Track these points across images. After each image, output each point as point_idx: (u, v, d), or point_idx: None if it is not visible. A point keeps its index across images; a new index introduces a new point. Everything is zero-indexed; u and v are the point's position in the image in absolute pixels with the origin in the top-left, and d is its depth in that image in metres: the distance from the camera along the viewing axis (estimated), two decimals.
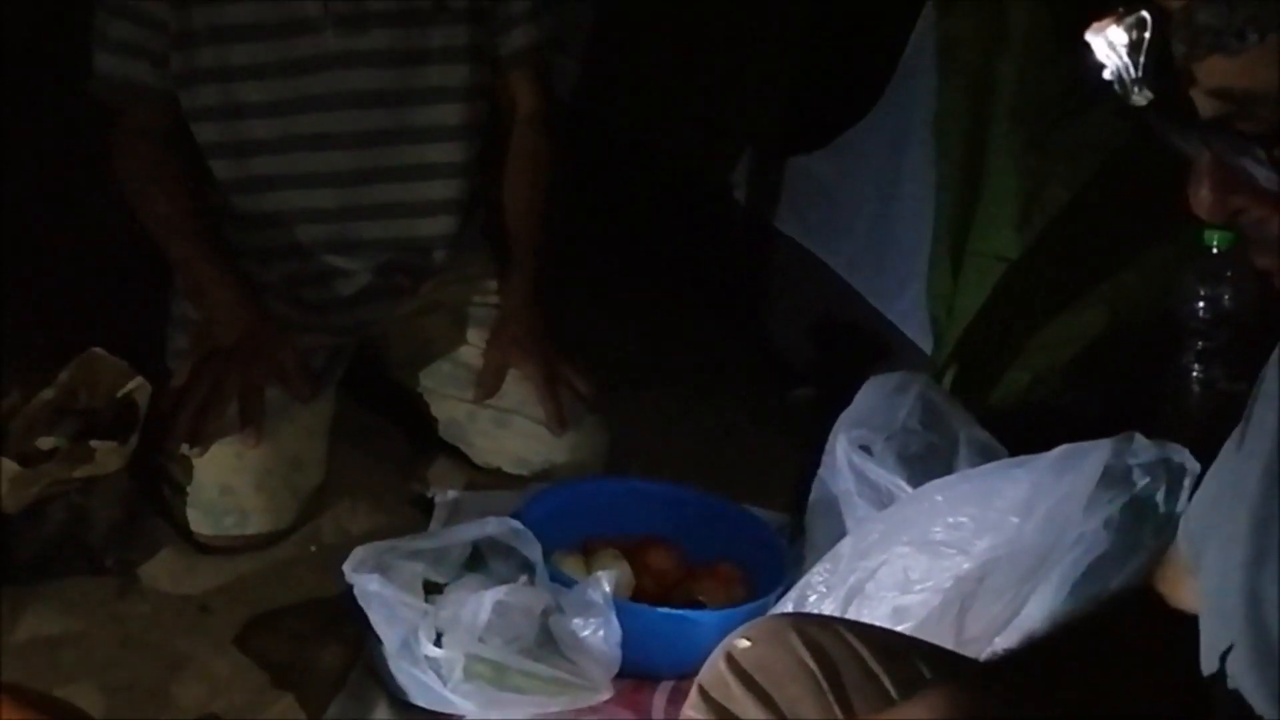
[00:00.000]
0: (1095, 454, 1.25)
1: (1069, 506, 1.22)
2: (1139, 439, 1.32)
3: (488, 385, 1.89)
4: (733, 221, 2.37)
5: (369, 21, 1.77)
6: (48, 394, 1.59)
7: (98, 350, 1.64)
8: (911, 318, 1.94)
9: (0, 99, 2.36)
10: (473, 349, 1.93)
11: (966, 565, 1.25)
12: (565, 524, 1.64)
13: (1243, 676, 0.80)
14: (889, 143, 2.00)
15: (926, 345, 1.91)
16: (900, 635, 1.17)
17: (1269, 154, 0.70)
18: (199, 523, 1.72)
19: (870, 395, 1.59)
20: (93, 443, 1.59)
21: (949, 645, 1.19)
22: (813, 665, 1.08)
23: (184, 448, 1.72)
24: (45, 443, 1.57)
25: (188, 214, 1.81)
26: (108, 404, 1.63)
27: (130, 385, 1.64)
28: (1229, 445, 0.88)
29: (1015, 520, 1.23)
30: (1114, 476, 1.25)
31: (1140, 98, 0.74)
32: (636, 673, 1.49)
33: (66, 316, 2.00)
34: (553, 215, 1.95)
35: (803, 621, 1.14)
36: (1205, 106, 0.72)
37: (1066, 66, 1.66)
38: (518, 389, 1.89)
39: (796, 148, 2.25)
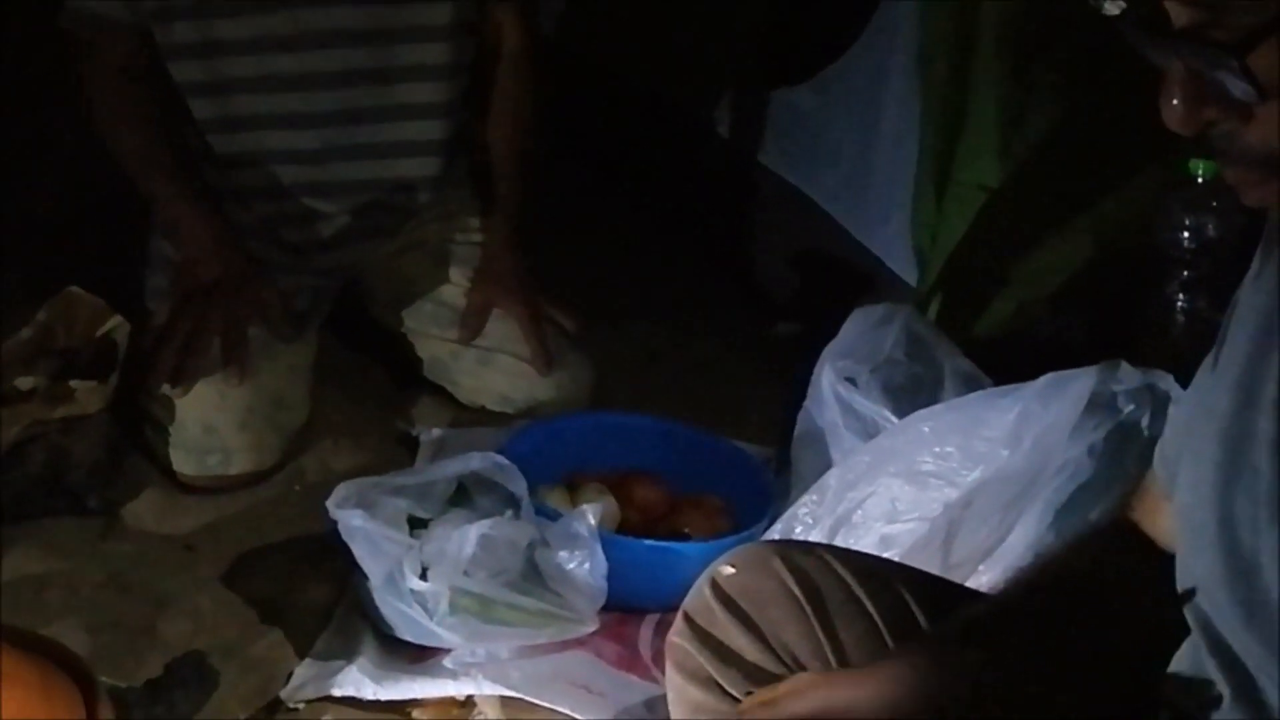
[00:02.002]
0: (1081, 381, 1.25)
1: (1055, 434, 1.22)
2: (1124, 366, 1.32)
3: (471, 325, 1.89)
4: (715, 155, 2.36)
5: None
6: (25, 334, 1.57)
7: (75, 289, 1.62)
8: (894, 250, 1.93)
9: None
10: (455, 288, 1.91)
11: (954, 494, 1.25)
12: (550, 459, 1.64)
13: (1214, 592, 0.81)
14: (872, 75, 1.98)
15: (910, 277, 1.91)
16: (884, 560, 1.17)
17: (1241, 64, 0.68)
18: (182, 462, 1.72)
19: (855, 327, 1.58)
20: (72, 382, 1.58)
21: (935, 571, 1.20)
22: (796, 589, 1.08)
23: (166, 387, 1.71)
24: (24, 382, 1.56)
25: (163, 152, 1.79)
26: (87, 343, 1.62)
27: (109, 324, 1.63)
28: (1203, 367, 0.88)
29: (1002, 450, 1.23)
30: (1099, 404, 1.25)
31: (1113, 6, 0.73)
32: (622, 605, 1.49)
33: (42, 255, 1.98)
34: (536, 154, 1.93)
35: (786, 547, 1.14)
36: (1178, 15, 0.71)
37: None
38: (501, 327, 1.89)
39: (779, 81, 2.24)
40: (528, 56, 1.93)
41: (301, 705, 1.38)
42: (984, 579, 1.24)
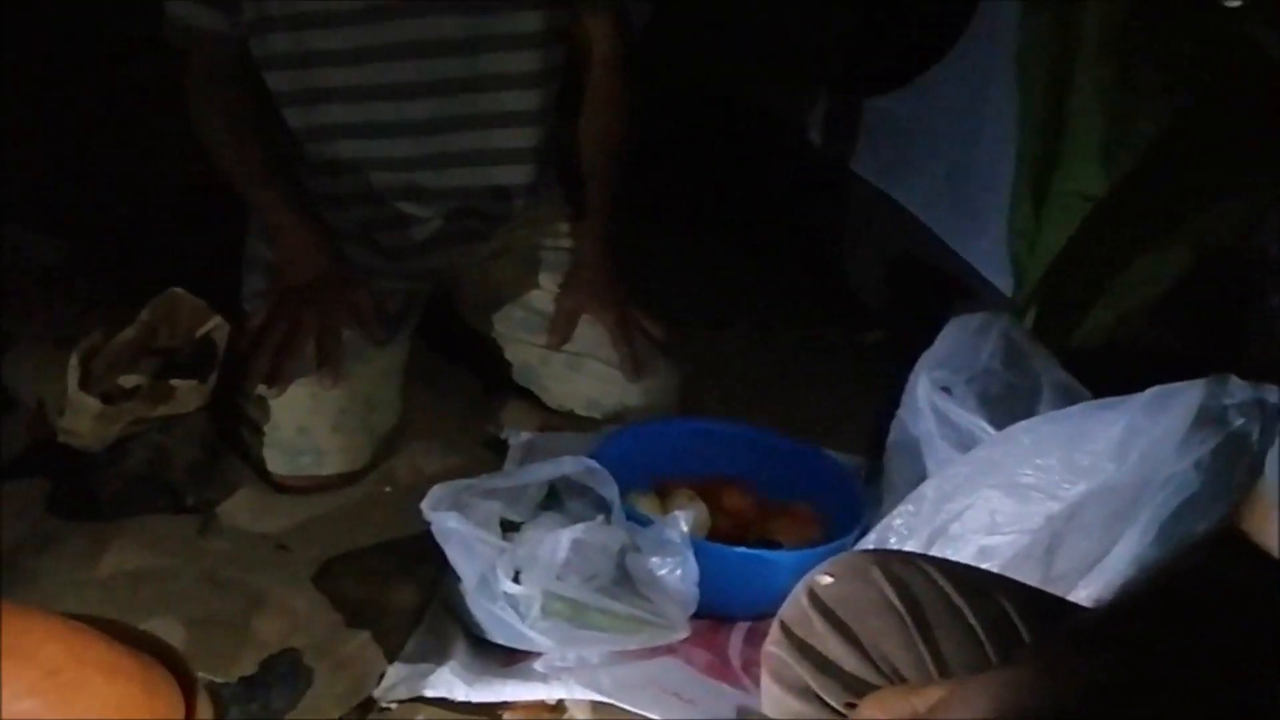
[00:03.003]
0: (1189, 394, 1.22)
1: (1162, 448, 1.19)
2: (1233, 380, 1.29)
3: (561, 330, 1.89)
4: (807, 163, 2.35)
5: None
6: (129, 333, 1.60)
7: (178, 290, 1.65)
8: (990, 258, 1.91)
9: (78, 41, 2.38)
10: (545, 293, 1.92)
11: (1056, 507, 1.22)
12: (640, 464, 1.63)
13: None
14: (969, 82, 1.96)
15: (1005, 286, 1.89)
16: (984, 571, 1.15)
17: None
18: (276, 462, 1.73)
19: (953, 335, 1.56)
20: (173, 381, 1.61)
21: (1035, 584, 1.17)
22: (895, 600, 1.07)
23: (261, 388, 1.73)
24: (127, 380, 1.58)
25: (261, 158, 1.81)
26: (187, 343, 1.65)
27: (209, 325, 1.65)
28: None
29: (1108, 463, 1.20)
30: (1207, 417, 1.21)
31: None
32: (712, 613, 1.48)
33: (146, 256, 2.02)
34: (628, 160, 1.93)
35: (885, 557, 1.13)
36: None
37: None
38: (590, 333, 1.89)
39: (872, 88, 2.22)
40: (619, 64, 1.93)
41: (394, 705, 1.38)
42: (1085, 592, 1.21)
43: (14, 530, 1.58)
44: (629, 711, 1.37)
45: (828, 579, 1.11)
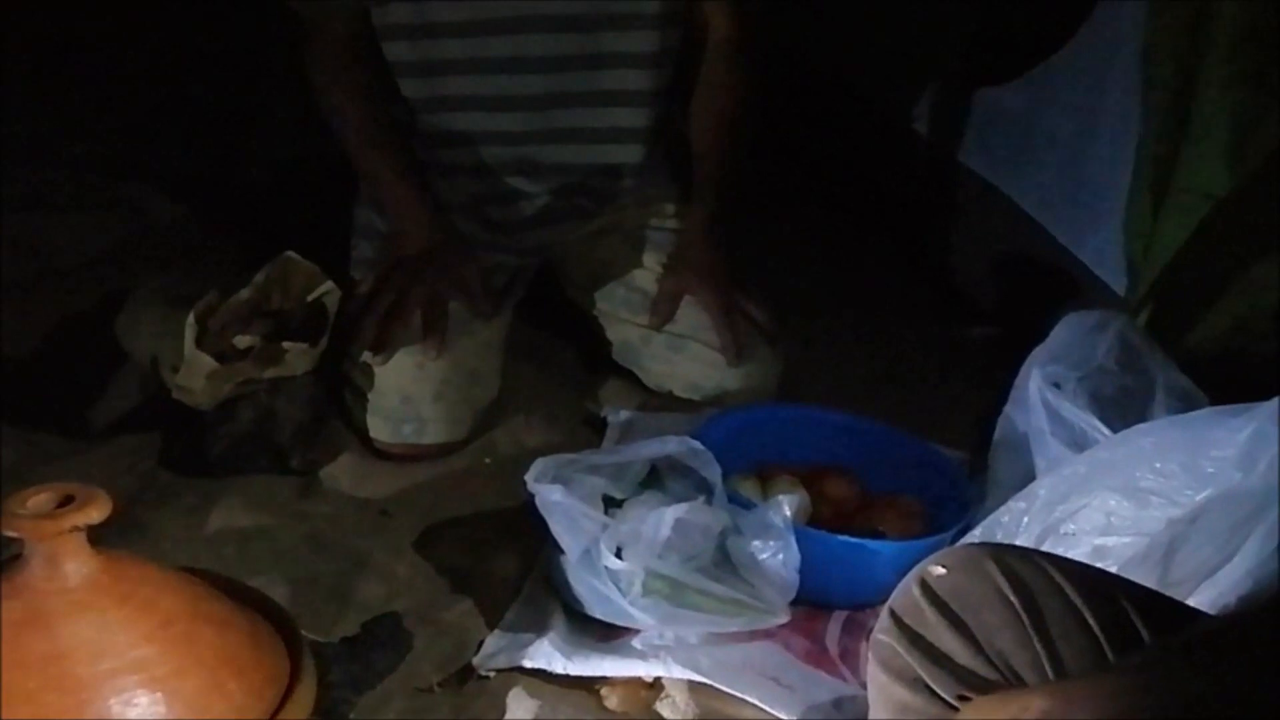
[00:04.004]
0: None
1: None
2: None
3: (663, 311, 1.89)
4: (915, 154, 2.32)
5: None
6: (244, 294, 1.62)
7: (291, 254, 1.67)
8: (1104, 257, 1.87)
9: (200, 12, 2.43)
10: (649, 273, 1.92)
11: (1176, 512, 1.20)
12: (742, 448, 1.62)
13: None
14: (1086, 75, 1.92)
15: (1118, 286, 1.85)
16: (1103, 571, 1.13)
17: None
18: (379, 429, 1.75)
19: (1067, 331, 1.54)
20: (284, 344, 1.63)
21: (1152, 586, 1.15)
22: (1011, 595, 1.06)
23: (367, 355, 1.75)
24: (241, 341, 1.61)
25: (378, 127, 1.83)
26: (299, 306, 1.67)
27: (321, 289, 1.68)
28: None
29: (1234, 471, 1.18)
30: None
31: None
32: (811, 600, 1.47)
33: (262, 220, 2.05)
34: (740, 145, 1.92)
35: (1001, 551, 1.12)
36: None
37: None
38: (693, 315, 1.88)
39: (984, 79, 2.19)
40: (735, 47, 1.91)
41: (492, 674, 1.39)
42: (1203, 598, 1.18)
43: (128, 483, 1.62)
44: (726, 693, 1.36)
45: (941, 570, 1.10)
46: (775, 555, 1.41)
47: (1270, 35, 1.60)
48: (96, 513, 1.09)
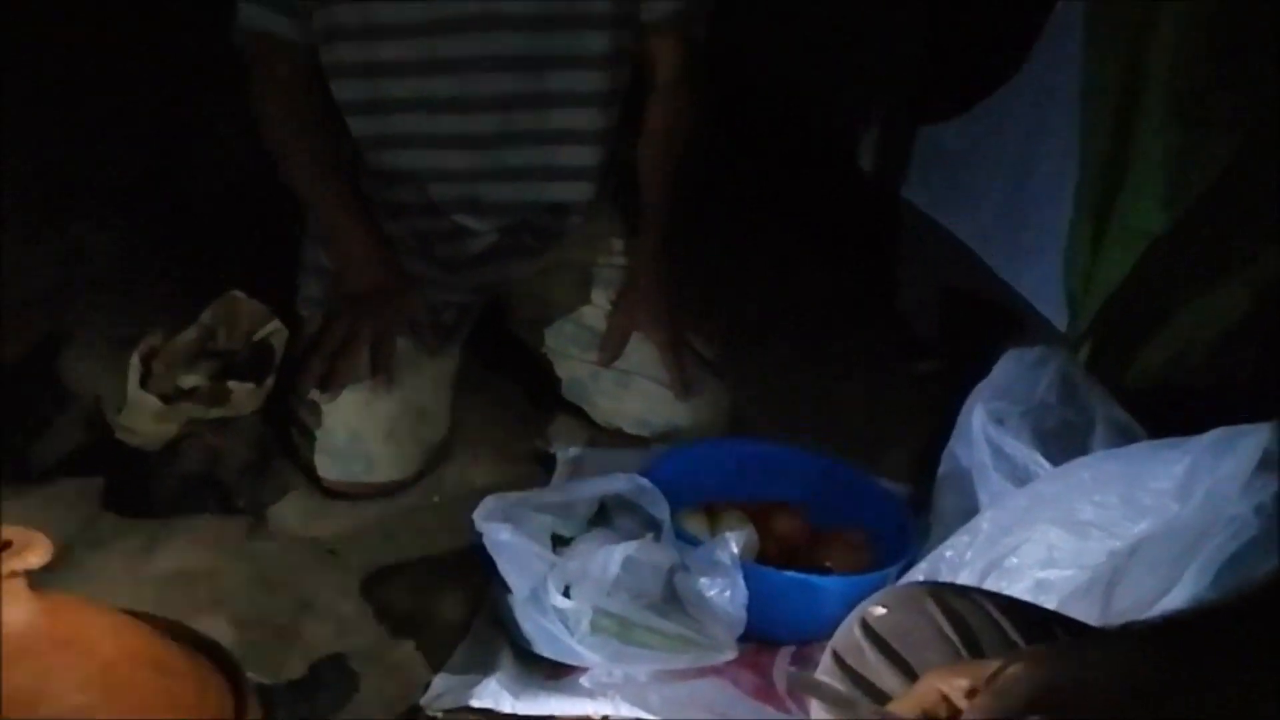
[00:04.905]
0: (1253, 438, 1.21)
1: (1225, 489, 1.19)
2: None
3: (611, 347, 1.90)
4: (859, 188, 2.35)
5: None
6: (189, 334, 1.62)
7: (237, 293, 1.67)
8: (1043, 292, 1.91)
9: (142, 43, 2.41)
10: (597, 310, 1.93)
11: (1116, 545, 1.22)
12: (691, 483, 1.63)
13: None
14: (1027, 112, 1.96)
15: (1058, 320, 1.88)
16: (1040, 608, 1.14)
17: None
18: (327, 468, 1.75)
19: (1009, 367, 1.56)
20: (230, 383, 1.62)
21: (1092, 622, 1.17)
22: (951, 633, 1.07)
23: (315, 393, 1.74)
24: (186, 381, 1.60)
25: (326, 165, 1.83)
26: (245, 346, 1.66)
27: (268, 328, 1.67)
28: None
29: (1172, 503, 1.20)
30: (1270, 461, 1.21)
31: None
32: (758, 636, 1.48)
33: (206, 258, 2.04)
34: (687, 182, 1.93)
35: (940, 589, 1.13)
36: None
37: (1221, 37, 1.62)
38: (641, 350, 1.89)
39: (927, 116, 2.22)
40: (682, 85, 1.93)
41: (440, 714, 1.39)
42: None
43: (70, 524, 1.60)
44: None
45: (881, 610, 1.11)
46: (723, 592, 1.42)
47: (1203, 78, 1.64)
48: (35, 557, 1.07)
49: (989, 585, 1.30)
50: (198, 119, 2.25)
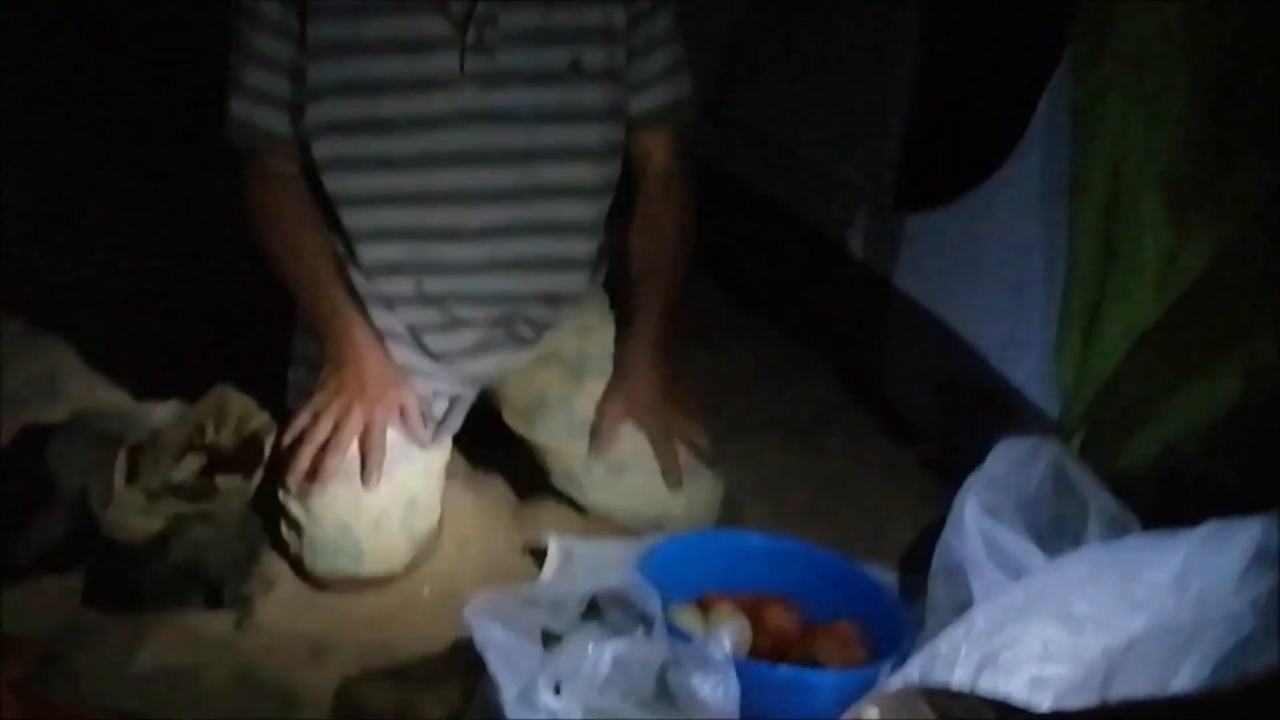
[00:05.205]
0: (1247, 531, 1.21)
1: (1220, 584, 1.18)
2: None
3: (603, 438, 1.89)
4: (849, 276, 2.35)
5: (506, 80, 1.77)
6: (178, 430, 1.61)
7: (227, 387, 1.67)
8: (1035, 380, 1.90)
9: (135, 137, 2.43)
10: (588, 400, 1.92)
11: (1112, 640, 1.21)
12: (683, 576, 1.62)
13: None
14: (1017, 204, 1.96)
15: (1050, 408, 1.87)
16: (1035, 713, 1.13)
17: None
18: (314, 561, 1.74)
19: (1002, 459, 1.56)
20: (218, 478, 1.62)
21: None
22: None
23: (304, 485, 1.73)
24: (173, 476, 1.60)
25: (317, 257, 1.83)
26: (234, 439, 1.66)
27: (257, 422, 1.67)
28: None
29: (1168, 598, 1.19)
30: (1265, 555, 1.20)
31: None
32: None
33: (196, 352, 2.04)
34: (679, 271, 1.94)
35: (934, 693, 1.12)
36: None
37: (1210, 132, 1.64)
38: (633, 441, 1.88)
39: (917, 204, 2.23)
40: (674, 177, 1.94)
41: None
42: None
43: (52, 621, 1.58)
44: None
45: (874, 712, 1.09)
46: (715, 689, 1.40)
47: (1191, 175, 1.66)
48: (17, 666, 1.06)
49: (984, 681, 1.28)
50: (187, 211, 2.27)
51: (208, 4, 2.00)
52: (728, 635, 1.44)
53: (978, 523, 1.48)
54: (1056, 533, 1.51)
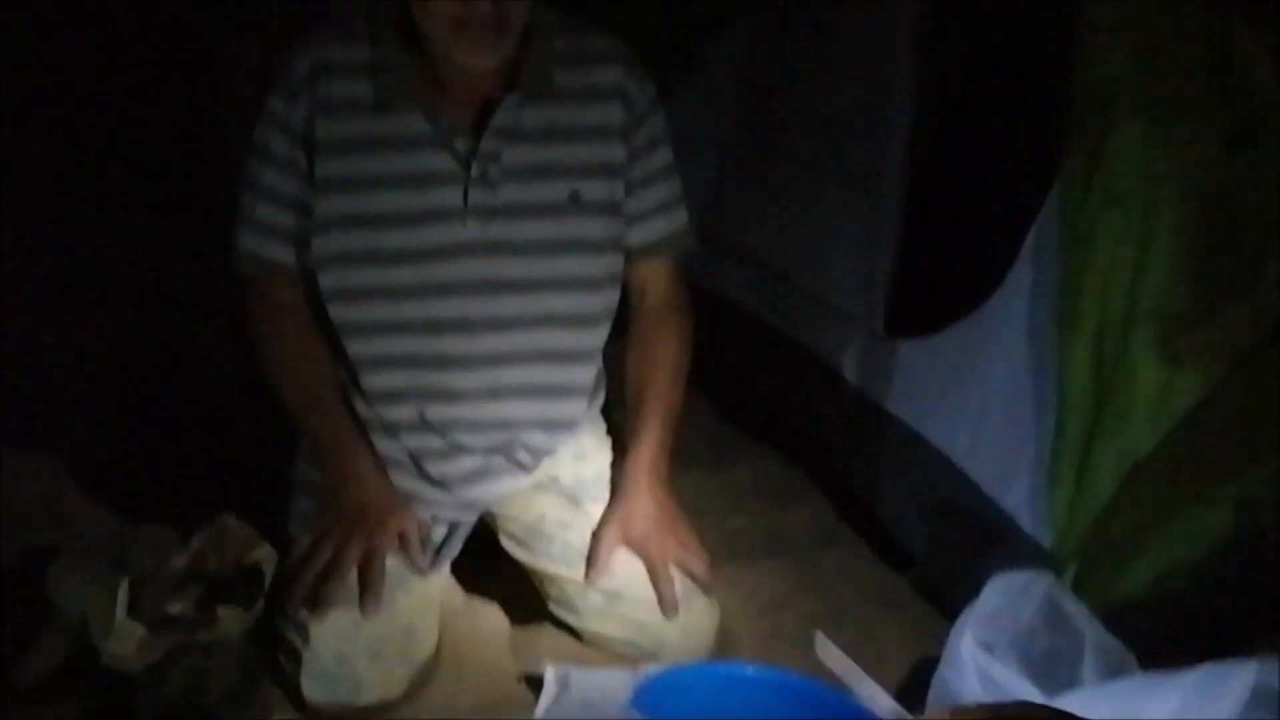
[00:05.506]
0: (1242, 674, 1.22)
1: None
2: None
3: (599, 566, 1.90)
4: (843, 399, 2.38)
5: (508, 213, 1.81)
6: (180, 561, 1.62)
7: (229, 517, 1.68)
8: (1027, 508, 1.92)
9: (138, 261, 2.47)
10: (585, 527, 1.93)
11: None
12: (679, 708, 1.62)
13: None
14: (1008, 332, 2.00)
15: (1042, 536, 1.89)
16: None
17: None
18: (313, 690, 1.73)
19: (996, 593, 1.57)
20: (218, 609, 1.62)
21: None
22: None
23: (302, 613, 1.74)
24: (173, 607, 1.60)
25: (321, 385, 1.86)
26: (235, 570, 1.67)
27: (257, 552, 1.68)
28: None
29: None
30: (1262, 698, 1.21)
31: None
32: None
33: (199, 475, 2.05)
34: (675, 398, 1.96)
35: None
36: None
37: (1197, 269, 1.68)
38: (629, 568, 1.90)
39: (911, 330, 2.27)
40: (673, 307, 1.98)
41: None
42: None
43: None
44: None
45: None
46: None
47: (1181, 312, 1.69)
48: None
49: None
50: (191, 336, 2.29)
51: (216, 137, 2.05)
52: None
53: (973, 657, 1.50)
54: (1051, 667, 1.52)
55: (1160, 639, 1.66)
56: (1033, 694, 1.45)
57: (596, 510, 1.94)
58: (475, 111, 1.81)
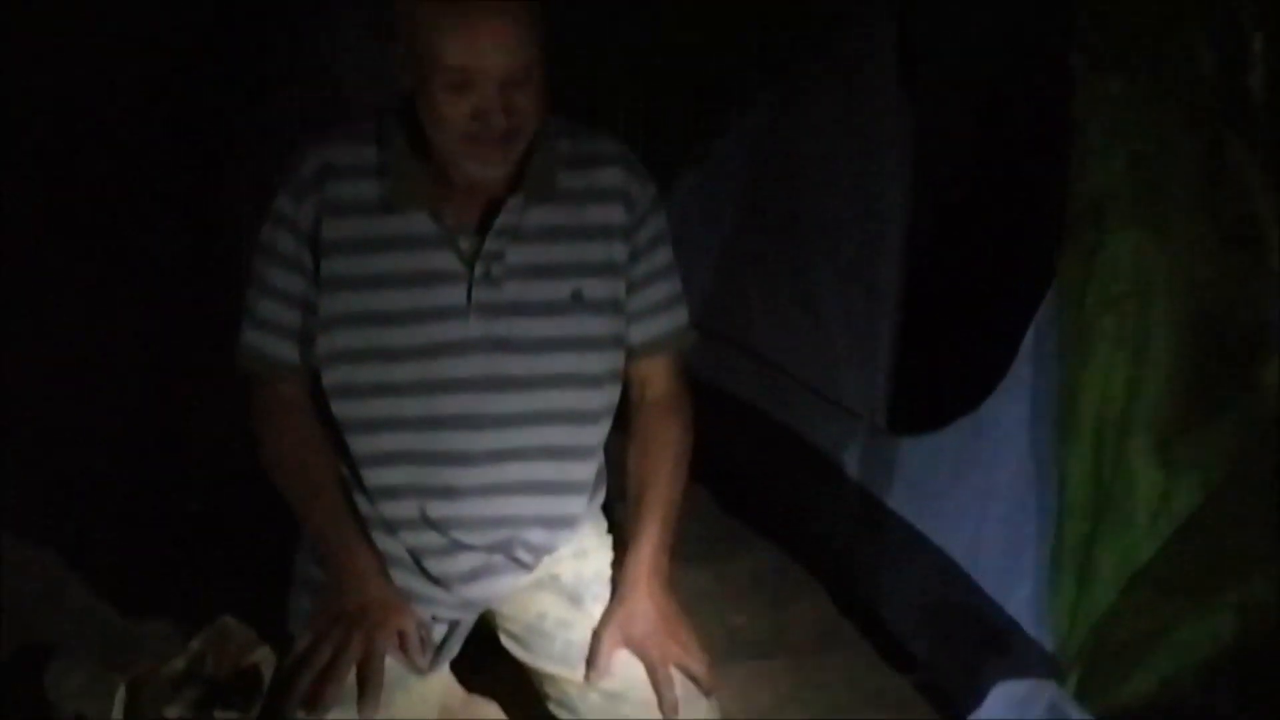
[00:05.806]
0: None
1: None
2: None
3: (599, 666, 1.88)
4: (845, 496, 2.38)
5: (511, 311, 1.82)
6: (178, 663, 1.62)
7: (228, 619, 1.67)
8: (1029, 611, 1.91)
9: (139, 354, 2.48)
10: (585, 626, 1.91)
11: None
12: None
13: None
14: (1008, 430, 2.00)
15: (1045, 639, 1.88)
16: None
17: None
18: None
19: (1000, 702, 1.57)
20: (216, 713, 1.61)
21: None
22: None
23: (300, 713, 1.72)
24: (170, 711, 1.59)
25: (323, 483, 1.86)
26: (233, 672, 1.66)
27: (256, 654, 1.67)
28: None
29: None
30: None
31: None
32: None
33: (199, 569, 2.04)
34: (676, 496, 1.96)
35: None
36: None
37: (1193, 374, 1.68)
38: (629, 669, 1.88)
39: (911, 427, 2.27)
40: (674, 404, 1.98)
41: None
42: None
43: None
44: None
45: None
46: None
47: (1179, 417, 1.69)
48: None
49: None
50: (192, 433, 2.30)
51: (222, 234, 2.07)
52: None
53: None
54: None
55: None
56: None
57: (597, 609, 1.93)
58: (480, 211, 1.83)
